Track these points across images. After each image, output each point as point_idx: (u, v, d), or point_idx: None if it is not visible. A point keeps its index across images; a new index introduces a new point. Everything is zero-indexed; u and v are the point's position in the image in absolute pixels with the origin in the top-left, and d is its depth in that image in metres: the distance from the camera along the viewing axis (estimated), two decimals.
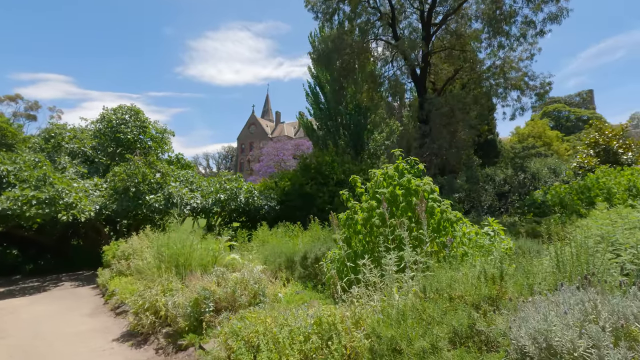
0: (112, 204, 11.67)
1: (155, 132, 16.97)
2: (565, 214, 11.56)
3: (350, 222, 5.35)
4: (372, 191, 5.43)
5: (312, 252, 6.79)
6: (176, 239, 6.12)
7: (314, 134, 32.94)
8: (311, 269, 6.74)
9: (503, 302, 2.22)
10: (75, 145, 15.09)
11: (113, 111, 15.64)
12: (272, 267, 7.28)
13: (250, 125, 77.46)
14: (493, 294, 2.25)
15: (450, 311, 2.30)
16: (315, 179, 14.93)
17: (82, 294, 9.21)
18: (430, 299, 2.61)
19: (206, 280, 5.35)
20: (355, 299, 3.30)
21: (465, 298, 2.44)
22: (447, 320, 2.17)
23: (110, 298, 7.78)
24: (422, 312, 2.38)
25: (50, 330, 6.17)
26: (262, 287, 5.31)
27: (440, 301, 2.46)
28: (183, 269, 5.90)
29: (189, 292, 5.01)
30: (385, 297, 3.06)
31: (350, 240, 5.33)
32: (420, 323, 2.28)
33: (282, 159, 49.49)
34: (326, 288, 6.19)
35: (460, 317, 2.14)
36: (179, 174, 13.69)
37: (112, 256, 10.10)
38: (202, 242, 6.75)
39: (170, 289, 5.48)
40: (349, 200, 5.71)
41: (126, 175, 11.88)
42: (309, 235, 9.99)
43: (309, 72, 32.95)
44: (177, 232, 6.51)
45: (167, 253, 5.92)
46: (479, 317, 2.09)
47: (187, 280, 5.78)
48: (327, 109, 31.85)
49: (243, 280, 5.21)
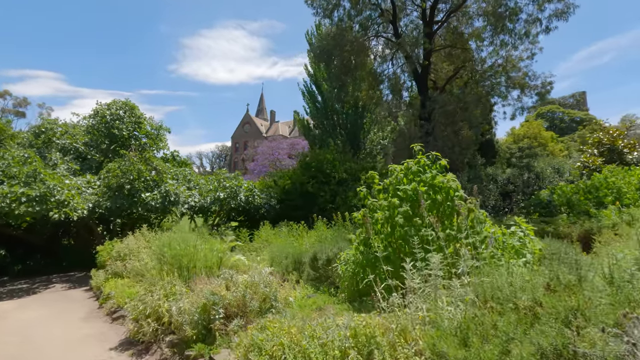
0: (106, 202, 11.16)
1: (150, 128, 16.44)
2: (573, 214, 11.35)
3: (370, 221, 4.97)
4: (392, 188, 5.07)
5: (322, 253, 6.41)
6: (179, 239, 5.69)
7: (310, 133, 32.57)
8: (322, 270, 6.37)
9: (593, 316, 1.87)
10: (67, 141, 14.50)
11: (107, 106, 15.08)
12: (278, 268, 6.89)
13: (244, 124, 76.77)
14: (582, 305, 1.90)
15: (526, 325, 1.94)
16: (316, 178, 14.55)
17: (74, 297, 8.71)
18: (493, 310, 2.25)
19: (214, 283, 4.94)
20: (397, 307, 2.92)
21: (536, 309, 2.08)
22: (531, 339, 1.81)
23: (106, 301, 7.31)
24: (492, 326, 2.02)
25: (42, 337, 5.70)
26: (273, 290, 4.92)
27: (509, 313, 2.11)
28: (186, 271, 5.48)
29: (195, 297, 4.59)
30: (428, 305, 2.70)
31: (368, 241, 4.96)
32: (492, 341, 1.93)
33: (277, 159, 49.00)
34: (340, 291, 5.82)
35: (549, 335, 1.78)
36: (176, 172, 13.20)
37: (106, 257, 9.62)
38: (206, 243, 6.33)
39: (174, 292, 5.06)
40: (367, 197, 5.34)
41: (121, 171, 11.38)
42: (314, 235, 9.61)
43: (305, 70, 32.56)
44: (180, 232, 6.07)
45: (169, 254, 5.49)
46: (573, 335, 1.75)
47: (191, 284, 5.37)
48: (323, 107, 31.52)
49: (253, 283, 4.82)
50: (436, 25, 18.36)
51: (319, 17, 19.71)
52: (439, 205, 4.66)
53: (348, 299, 5.45)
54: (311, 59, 32.93)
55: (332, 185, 14.32)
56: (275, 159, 48.01)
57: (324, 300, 5.54)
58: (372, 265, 4.88)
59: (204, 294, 4.49)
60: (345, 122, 32.14)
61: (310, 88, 32.72)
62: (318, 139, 31.90)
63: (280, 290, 5.30)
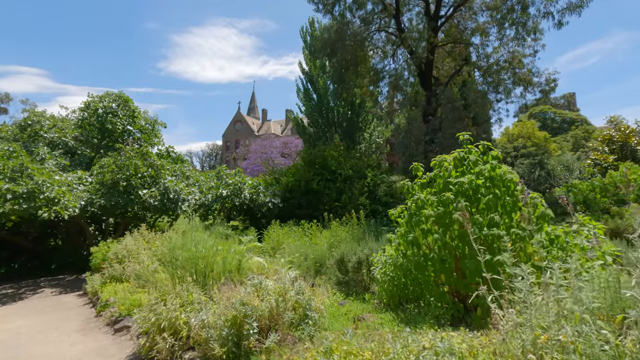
0: (100, 200, 10.32)
1: (145, 123, 15.57)
2: (590, 213, 10.99)
3: (417, 219, 4.37)
4: (442, 182, 4.48)
5: (351, 255, 5.78)
6: (195, 239, 4.99)
7: (305, 131, 31.93)
8: (351, 274, 5.74)
9: None
10: (55, 134, 13.56)
11: (99, 99, 14.16)
12: (299, 271, 6.24)
13: (236, 122, 75.60)
14: None
15: None
16: (321, 175, 13.92)
17: (67, 303, 7.88)
18: None
19: (239, 291, 4.27)
20: (509, 325, 2.30)
21: None
22: None
23: (105, 309, 6.55)
24: None
25: (33, 354, 4.94)
26: (307, 298, 4.28)
27: None
28: (202, 277, 4.79)
29: (221, 308, 3.92)
30: None
31: (418, 241, 4.35)
32: None
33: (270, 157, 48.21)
34: (376, 297, 5.22)
35: None
36: (174, 168, 12.41)
37: (101, 259, 8.82)
38: (222, 244, 5.64)
39: (191, 301, 4.37)
40: (411, 192, 4.73)
41: (116, 167, 10.55)
42: (327, 235, 9.00)
43: (300, 67, 31.97)
44: (196, 232, 5.37)
45: (184, 256, 4.78)
46: None
47: (209, 291, 4.69)
48: (318, 105, 30.91)
49: (284, 290, 4.17)
50: (441, 20, 17.92)
51: (320, 13, 19.05)
52: (504, 201, 4.08)
53: (388, 306, 4.85)
54: (306, 56, 32.34)
55: (338, 182, 13.71)
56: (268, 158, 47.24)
57: (359, 308, 4.92)
58: (421, 268, 4.28)
59: (232, 303, 3.82)
60: (340, 120, 31.60)
61: (305, 85, 32.10)
62: (313, 137, 31.30)
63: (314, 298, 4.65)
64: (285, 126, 74.92)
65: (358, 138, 31.19)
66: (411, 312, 4.47)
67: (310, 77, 31.31)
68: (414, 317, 4.28)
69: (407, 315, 4.43)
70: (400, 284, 4.72)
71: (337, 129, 30.64)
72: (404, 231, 4.70)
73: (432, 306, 4.48)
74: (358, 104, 29.60)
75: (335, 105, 30.45)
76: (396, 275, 4.72)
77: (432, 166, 4.99)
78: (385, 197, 13.72)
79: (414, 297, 4.85)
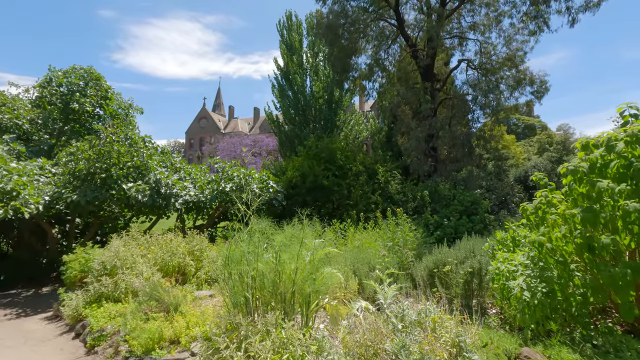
0: (71, 195, 8.19)
1: (117, 107, 13.31)
2: None
3: (609, 214, 3.13)
4: (615, 167, 3.27)
5: (454, 264, 4.44)
6: (247, 249, 3.33)
7: (281, 129, 30.16)
8: (460, 289, 4.40)
9: None
10: (6, 115, 10.99)
11: (63, 74, 11.75)
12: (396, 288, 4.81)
13: (200, 119, 71.87)
14: None
15: None
16: (329, 170, 12.52)
17: (34, 332, 5.81)
18: None
19: (347, 324, 2.78)
20: None
21: None
22: None
23: (100, 342, 4.70)
24: None
25: None
26: (458, 332, 2.89)
27: None
28: (282, 302, 3.19)
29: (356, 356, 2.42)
30: None
31: (608, 247, 3.11)
32: None
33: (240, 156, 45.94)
34: (494, 318, 3.93)
35: None
36: (163, 158, 10.41)
37: (80, 270, 6.80)
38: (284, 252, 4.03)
39: (284, 341, 2.81)
40: (573, 178, 3.49)
41: (94, 153, 8.46)
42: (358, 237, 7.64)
43: (275, 63, 30.19)
44: (280, 235, 3.75)
45: (270, 278, 3.08)
46: None
47: (301, 323, 3.15)
48: (294, 102, 29.30)
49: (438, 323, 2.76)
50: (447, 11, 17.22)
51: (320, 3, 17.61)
52: None
53: (536, 335, 3.58)
54: (283, 51, 30.64)
55: (349, 178, 12.38)
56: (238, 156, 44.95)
57: (495, 339, 3.58)
58: (615, 284, 3.04)
59: (383, 349, 2.34)
60: (319, 117, 30.28)
61: (280, 82, 30.41)
62: (289, 134, 29.69)
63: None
64: (254, 124, 72.45)
65: (338, 135, 30.04)
66: (577, 345, 3.23)
67: (287, 74, 29.69)
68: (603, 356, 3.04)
69: (575, 348, 3.19)
70: (554, 304, 3.48)
71: (315, 125, 29.30)
72: (545, 232, 3.48)
73: (595, 336, 3.32)
74: (335, 102, 28.65)
75: (312, 102, 29.14)
76: (550, 291, 3.48)
77: (577, 147, 3.81)
78: (397, 194, 12.59)
79: (560, 322, 3.65)
